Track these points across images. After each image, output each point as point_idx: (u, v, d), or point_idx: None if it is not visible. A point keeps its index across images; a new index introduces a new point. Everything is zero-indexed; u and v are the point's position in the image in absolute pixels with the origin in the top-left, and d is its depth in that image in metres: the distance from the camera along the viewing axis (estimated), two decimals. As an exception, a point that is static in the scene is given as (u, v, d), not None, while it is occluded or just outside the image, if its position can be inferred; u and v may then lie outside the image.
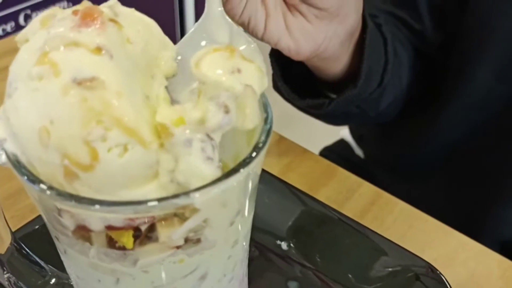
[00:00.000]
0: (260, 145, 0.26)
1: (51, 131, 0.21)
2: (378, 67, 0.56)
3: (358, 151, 0.88)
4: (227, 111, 0.23)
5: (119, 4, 0.25)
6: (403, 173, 0.76)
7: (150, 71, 0.24)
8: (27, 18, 1.63)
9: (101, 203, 0.21)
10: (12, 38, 0.72)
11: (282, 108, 0.66)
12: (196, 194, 0.22)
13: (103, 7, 0.24)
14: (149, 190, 0.23)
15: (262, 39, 0.44)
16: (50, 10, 0.24)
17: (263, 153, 0.26)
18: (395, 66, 0.58)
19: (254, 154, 0.25)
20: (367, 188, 0.55)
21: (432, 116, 0.68)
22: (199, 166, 0.22)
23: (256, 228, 0.44)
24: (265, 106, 0.27)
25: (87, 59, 0.21)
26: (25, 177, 0.23)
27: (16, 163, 0.23)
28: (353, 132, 0.88)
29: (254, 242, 0.44)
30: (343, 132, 0.91)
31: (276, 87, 0.58)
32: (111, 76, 0.21)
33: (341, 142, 0.92)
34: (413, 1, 0.63)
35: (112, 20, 0.23)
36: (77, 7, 0.23)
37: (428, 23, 0.64)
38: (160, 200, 0.22)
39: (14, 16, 1.58)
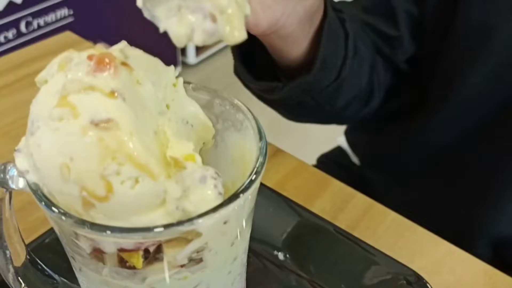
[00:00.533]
0: (258, 169, 0.28)
1: (71, 167, 0.23)
2: (335, 59, 0.56)
3: (354, 158, 0.90)
4: (214, 20, 0.24)
5: (128, 46, 0.27)
6: (397, 176, 0.78)
7: (157, 108, 0.27)
8: (28, 25, 1.64)
9: (113, 229, 0.24)
10: (13, 54, 0.74)
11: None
12: (199, 220, 0.25)
13: (114, 50, 0.27)
14: (157, 216, 0.25)
15: None
16: (67, 53, 0.26)
17: (259, 178, 0.28)
18: (354, 63, 0.59)
19: (252, 178, 0.28)
20: (360, 199, 0.57)
21: (422, 121, 0.70)
22: (212, 200, 0.25)
23: (254, 239, 0.46)
24: (260, 134, 0.29)
25: (102, 102, 0.23)
26: (45, 205, 0.26)
27: (37, 193, 0.25)
28: (348, 139, 0.91)
29: (252, 253, 0.47)
30: (340, 139, 0.94)
31: (236, 71, 0.59)
32: (124, 118, 0.23)
33: (338, 149, 0.95)
34: (391, 11, 0.66)
35: (123, 63, 0.25)
36: (92, 51, 0.26)
37: (405, 32, 0.66)
38: (166, 226, 0.24)
39: (15, 24, 1.60)
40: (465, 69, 0.63)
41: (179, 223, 0.24)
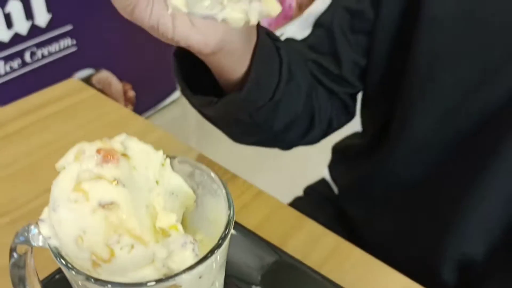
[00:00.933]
0: (226, 233, 0.36)
1: (84, 238, 0.31)
2: (269, 81, 0.60)
3: (336, 190, 0.98)
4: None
5: (128, 138, 0.35)
6: (368, 208, 0.85)
7: (148, 186, 0.35)
8: (33, 55, 1.70)
9: (113, 284, 0.32)
10: (22, 101, 0.82)
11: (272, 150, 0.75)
12: (182, 276, 0.33)
13: (116, 142, 0.35)
14: (148, 272, 0.33)
15: (172, 39, 0.47)
16: (80, 145, 0.34)
17: (228, 239, 0.36)
18: (290, 88, 0.62)
19: (221, 240, 0.36)
20: (329, 237, 0.65)
21: (385, 155, 0.77)
22: (190, 261, 0.33)
23: (234, 276, 0.55)
24: (229, 204, 0.37)
25: (107, 188, 0.32)
26: (61, 262, 0.34)
27: (56, 254, 0.33)
28: (330, 172, 0.99)
29: (233, 287, 0.55)
30: (324, 172, 1.02)
31: (183, 91, 0.61)
32: (123, 200, 0.31)
33: (322, 181, 1.02)
34: (336, 56, 0.71)
35: (123, 154, 0.34)
36: (100, 144, 0.34)
37: (349, 76, 0.72)
38: (156, 281, 0.32)
39: (20, 54, 1.67)
40: (418, 108, 0.70)
41: (165, 279, 0.32)
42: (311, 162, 1.24)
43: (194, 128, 2.22)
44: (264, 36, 0.58)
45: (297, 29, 0.75)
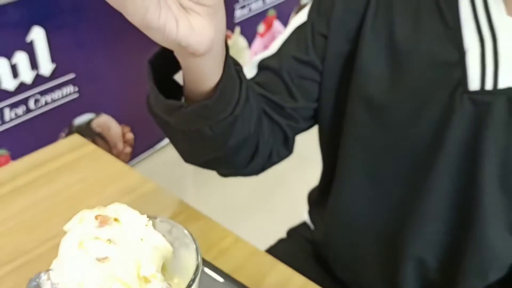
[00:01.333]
0: (194, 279, 0.47)
1: (85, 284, 0.41)
2: (232, 96, 0.65)
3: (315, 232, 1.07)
4: None
5: (119, 206, 0.46)
6: (336, 247, 0.93)
7: (135, 243, 0.45)
8: (36, 102, 1.78)
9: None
10: (31, 156, 0.91)
11: (259, 192, 0.83)
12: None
13: (110, 209, 0.45)
14: (134, 310, 0.43)
15: (175, 39, 0.52)
16: (82, 213, 0.45)
17: (197, 281, 0.46)
18: (246, 107, 0.67)
19: (194, 277, 0.46)
20: (298, 279, 0.74)
21: (337, 194, 0.86)
22: (168, 301, 0.43)
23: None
24: (197, 256, 0.48)
25: (103, 246, 0.42)
26: (67, 302, 0.44)
27: (64, 296, 0.43)
28: (309, 216, 1.08)
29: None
30: (305, 215, 1.11)
31: (153, 95, 0.65)
32: (115, 255, 0.42)
33: (304, 224, 1.12)
34: (285, 92, 0.79)
35: (115, 219, 0.44)
36: (97, 211, 0.44)
37: (300, 120, 0.81)
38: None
39: (24, 101, 1.75)
40: (355, 147, 0.80)
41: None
42: (297, 207, 1.34)
43: (190, 168, 2.31)
44: (229, 55, 0.63)
45: (246, 71, 0.85)
